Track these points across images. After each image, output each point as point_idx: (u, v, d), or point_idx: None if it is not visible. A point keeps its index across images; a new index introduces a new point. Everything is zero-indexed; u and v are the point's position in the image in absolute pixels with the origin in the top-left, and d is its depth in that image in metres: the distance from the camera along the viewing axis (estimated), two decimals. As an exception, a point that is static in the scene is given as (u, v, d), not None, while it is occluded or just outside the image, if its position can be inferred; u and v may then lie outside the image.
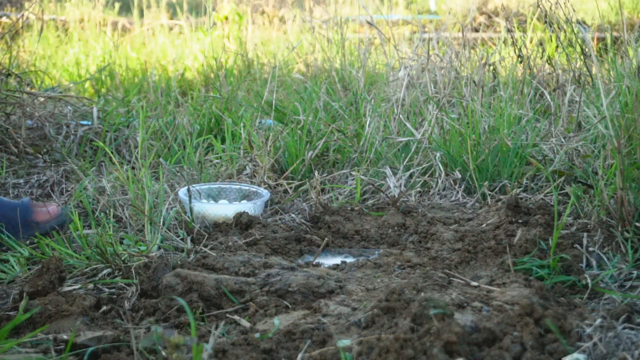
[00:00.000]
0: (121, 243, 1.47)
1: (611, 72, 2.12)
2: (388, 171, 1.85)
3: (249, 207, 1.64)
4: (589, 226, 1.40)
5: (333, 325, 1.06)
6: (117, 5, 5.35)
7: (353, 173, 1.91)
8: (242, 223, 1.56)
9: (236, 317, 1.14)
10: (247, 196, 1.75)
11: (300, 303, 1.19)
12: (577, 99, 2.01)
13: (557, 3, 2.22)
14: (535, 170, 1.77)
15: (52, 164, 2.19)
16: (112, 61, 3.61)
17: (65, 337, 1.05)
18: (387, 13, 3.62)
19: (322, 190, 1.88)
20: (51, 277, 1.22)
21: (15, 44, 3.35)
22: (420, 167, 1.87)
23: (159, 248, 1.45)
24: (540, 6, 2.25)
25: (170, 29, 4.87)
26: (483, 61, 2.15)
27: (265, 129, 2.22)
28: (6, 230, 1.53)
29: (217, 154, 2.11)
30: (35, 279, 1.21)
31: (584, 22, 2.26)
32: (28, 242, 1.55)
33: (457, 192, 1.81)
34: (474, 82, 2.08)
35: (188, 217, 1.57)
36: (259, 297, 1.19)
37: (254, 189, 1.75)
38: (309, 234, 1.53)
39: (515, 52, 2.33)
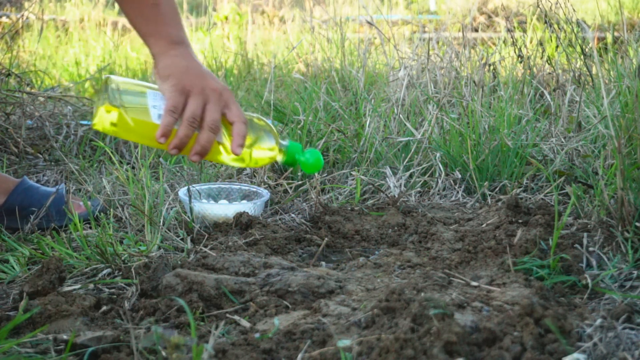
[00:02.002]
0: (121, 243, 1.47)
1: (611, 72, 2.12)
2: (388, 171, 1.85)
3: (249, 207, 1.63)
4: (589, 226, 1.40)
5: (333, 325, 1.06)
6: (117, 5, 5.35)
7: (353, 173, 1.91)
8: (242, 223, 1.56)
9: (236, 317, 1.14)
10: (247, 196, 1.74)
11: (300, 303, 1.18)
12: (577, 99, 2.01)
13: (557, 3, 2.22)
14: (535, 170, 1.77)
15: (52, 164, 2.19)
16: (112, 61, 3.61)
17: (65, 337, 1.05)
18: (387, 13, 3.62)
19: (322, 190, 1.88)
20: (51, 277, 1.21)
21: (15, 44, 3.35)
22: (420, 167, 1.87)
23: (159, 248, 1.45)
24: (540, 6, 2.26)
25: (171, 28, 4.86)
26: (483, 61, 2.16)
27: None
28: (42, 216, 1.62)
29: (217, 154, 2.11)
30: (35, 279, 1.21)
31: (584, 22, 2.26)
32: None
33: (457, 192, 1.81)
34: (474, 82, 2.08)
35: (188, 217, 1.57)
36: (259, 297, 1.19)
37: (254, 189, 1.75)
38: (309, 234, 1.53)
39: (515, 52, 2.33)
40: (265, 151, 1.35)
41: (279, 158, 1.37)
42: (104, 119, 1.25)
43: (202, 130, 1.26)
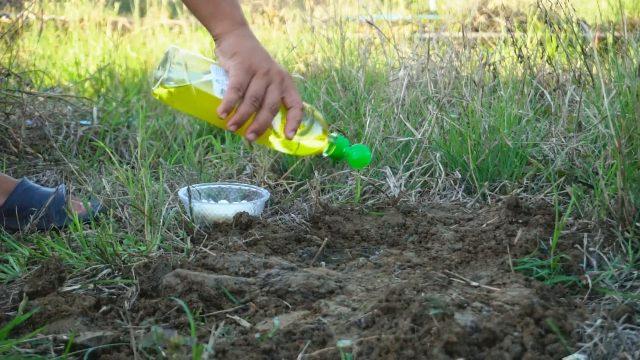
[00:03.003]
0: (121, 243, 1.47)
1: (612, 72, 2.12)
2: (388, 171, 1.85)
3: (249, 207, 1.63)
4: (589, 226, 1.40)
5: (333, 326, 1.05)
6: (117, 5, 5.35)
7: (353, 173, 1.90)
8: (242, 223, 1.56)
9: (236, 317, 1.14)
10: (247, 196, 1.74)
11: (300, 303, 1.18)
12: (578, 98, 2.01)
13: (557, 3, 2.21)
14: (535, 170, 1.76)
15: (52, 164, 2.19)
16: (112, 61, 3.61)
17: (65, 337, 1.05)
18: (387, 13, 3.61)
19: (322, 190, 1.88)
20: (51, 277, 1.21)
21: (15, 44, 3.35)
22: (421, 167, 1.87)
23: (159, 248, 1.45)
24: (540, 6, 2.25)
25: (170, 28, 4.87)
26: (483, 61, 2.15)
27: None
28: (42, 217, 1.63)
29: (217, 154, 2.11)
30: (35, 279, 1.21)
31: (585, 22, 2.26)
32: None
33: (457, 192, 1.81)
34: (474, 82, 2.08)
35: (188, 217, 1.57)
36: (259, 297, 1.19)
37: (254, 189, 1.75)
38: (309, 234, 1.53)
39: (515, 52, 2.32)
40: (315, 141, 1.37)
41: (325, 150, 1.38)
42: (167, 88, 1.26)
43: (261, 109, 1.29)
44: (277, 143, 1.35)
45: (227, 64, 1.30)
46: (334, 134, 1.40)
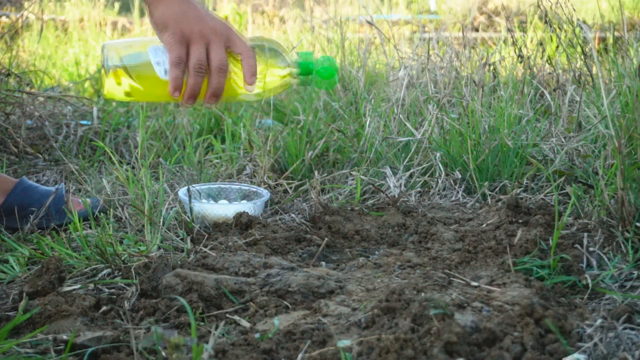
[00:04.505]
0: (121, 243, 1.47)
1: (612, 72, 2.12)
2: (388, 171, 1.85)
3: (249, 207, 1.63)
4: (589, 226, 1.40)
5: (333, 326, 1.05)
6: (117, 5, 5.35)
7: (353, 173, 1.90)
8: (242, 223, 1.56)
9: (236, 317, 1.14)
10: (247, 196, 1.74)
11: (300, 303, 1.18)
12: (578, 98, 2.01)
13: (557, 3, 2.21)
14: (535, 170, 1.76)
15: (52, 164, 2.19)
16: (112, 61, 3.61)
17: (65, 337, 1.05)
18: (387, 13, 3.61)
19: (322, 190, 1.87)
20: (51, 277, 1.21)
21: (15, 44, 3.34)
22: (421, 167, 1.87)
23: (159, 248, 1.45)
24: (541, 6, 2.25)
25: (170, 28, 4.86)
26: (483, 61, 2.15)
27: (265, 128, 2.22)
28: (42, 216, 1.62)
29: (217, 154, 2.11)
30: (34, 279, 1.21)
31: (585, 22, 2.26)
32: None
33: (457, 192, 1.81)
34: (474, 82, 2.08)
35: (188, 217, 1.57)
36: (259, 297, 1.19)
37: (254, 189, 1.75)
38: (309, 234, 1.53)
39: (515, 52, 2.32)
40: (280, 70, 1.31)
41: (295, 75, 1.34)
42: (112, 87, 1.25)
43: (211, 73, 1.26)
44: (244, 95, 1.32)
45: (162, 39, 1.26)
46: (295, 57, 1.34)
